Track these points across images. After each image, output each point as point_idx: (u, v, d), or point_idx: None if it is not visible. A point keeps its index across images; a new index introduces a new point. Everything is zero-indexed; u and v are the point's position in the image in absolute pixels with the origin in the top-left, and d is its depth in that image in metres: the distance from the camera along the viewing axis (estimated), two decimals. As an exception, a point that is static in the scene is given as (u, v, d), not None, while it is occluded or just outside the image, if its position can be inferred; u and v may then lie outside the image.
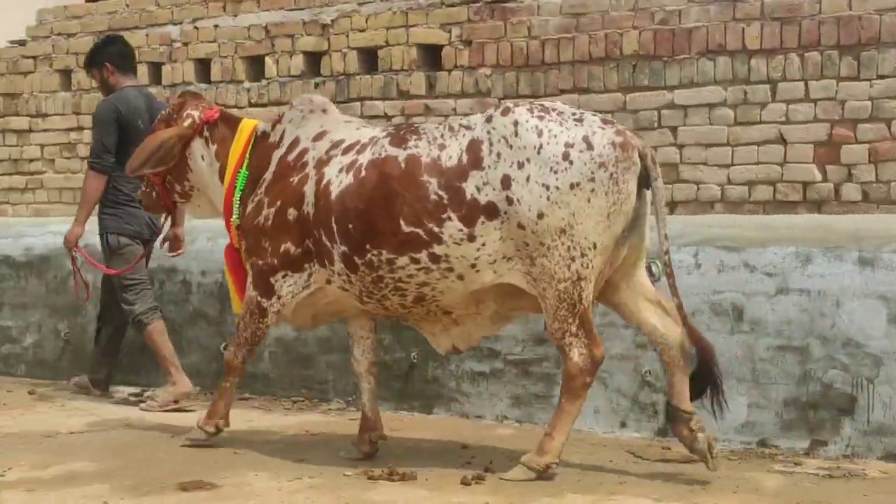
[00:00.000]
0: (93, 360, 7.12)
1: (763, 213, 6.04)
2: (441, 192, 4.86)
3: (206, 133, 5.57)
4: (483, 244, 4.84)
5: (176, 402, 6.64)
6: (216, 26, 7.72)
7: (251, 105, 7.54)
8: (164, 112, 5.80)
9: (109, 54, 6.95)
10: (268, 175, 5.33)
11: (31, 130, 8.55)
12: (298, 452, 5.51)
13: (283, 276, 5.23)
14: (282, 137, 5.38)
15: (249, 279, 5.34)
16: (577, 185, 4.69)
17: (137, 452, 5.51)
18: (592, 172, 4.70)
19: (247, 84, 7.61)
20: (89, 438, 5.87)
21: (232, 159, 5.45)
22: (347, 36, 7.25)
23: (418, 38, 7.03)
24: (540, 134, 4.76)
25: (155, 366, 7.39)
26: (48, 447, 5.67)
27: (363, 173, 5.02)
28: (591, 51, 6.50)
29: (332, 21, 7.29)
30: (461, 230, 4.84)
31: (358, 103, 7.21)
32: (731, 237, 5.87)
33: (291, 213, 5.19)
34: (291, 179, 5.23)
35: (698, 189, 6.20)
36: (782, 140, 6.02)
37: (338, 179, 5.10)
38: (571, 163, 4.70)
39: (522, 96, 6.69)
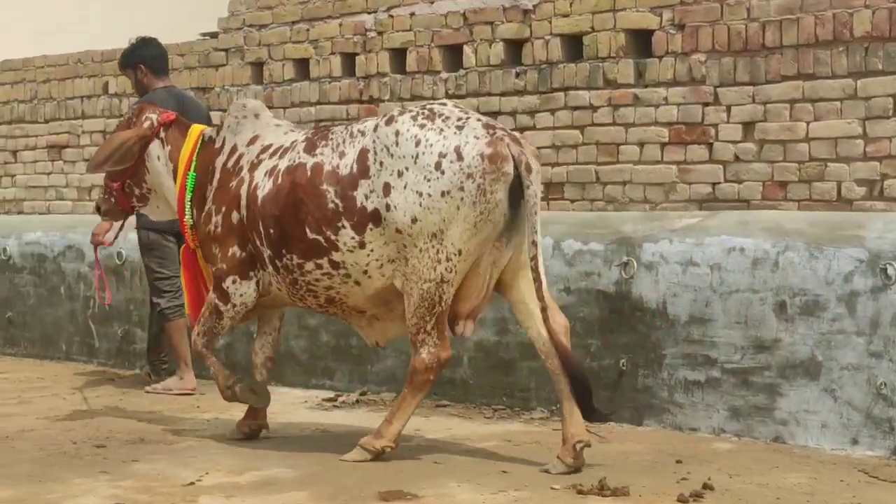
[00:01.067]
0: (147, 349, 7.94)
1: None
2: (337, 201, 5.50)
3: (162, 135, 6.23)
4: (372, 250, 5.46)
5: (176, 392, 7.44)
6: (412, 14, 7.81)
7: (448, 96, 7.59)
8: (125, 117, 6.52)
9: (144, 56, 7.62)
10: (214, 183, 5.96)
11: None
12: (501, 463, 5.52)
13: (234, 282, 5.86)
14: (223, 144, 6.03)
15: (213, 283, 5.99)
16: (448, 192, 5.26)
17: (333, 458, 5.62)
18: (461, 182, 5.25)
19: (444, 74, 7.67)
20: (284, 443, 6.02)
21: (181, 162, 6.11)
22: (550, 22, 7.23)
23: (627, 22, 6.96)
24: (418, 143, 5.33)
25: (348, 368, 7.51)
26: (243, 451, 5.83)
27: (279, 180, 5.70)
28: (817, 33, 6.32)
29: (535, 6, 7.29)
30: (353, 238, 5.48)
31: (562, 93, 7.18)
32: (979, 236, 5.63)
33: (234, 216, 5.84)
34: (231, 184, 5.89)
35: (938, 182, 5.97)
36: None
37: (263, 184, 5.76)
38: (443, 172, 5.27)
39: (740, 84, 6.56)
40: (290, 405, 7.13)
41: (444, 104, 5.52)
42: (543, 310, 5.29)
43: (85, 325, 8.94)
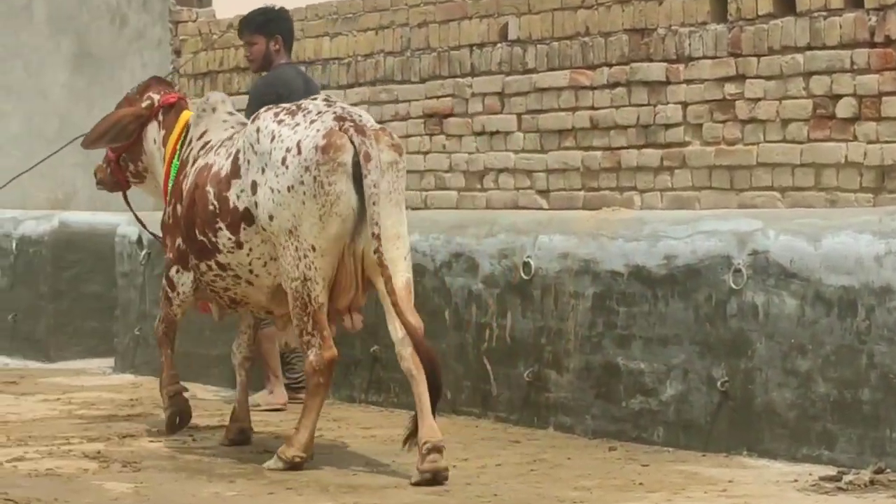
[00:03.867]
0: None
1: None
2: (215, 203, 7.84)
3: (160, 117, 8.70)
4: (251, 249, 7.75)
5: (264, 408, 9.64)
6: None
7: None
8: (129, 92, 9.07)
9: (283, 29, 9.86)
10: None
11: (668, 82, 8.88)
12: None
13: (177, 272, 8.28)
14: (187, 137, 8.46)
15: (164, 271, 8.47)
16: (292, 187, 7.42)
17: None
18: (301, 176, 7.40)
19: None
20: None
21: (167, 149, 8.55)
22: None
23: None
24: (272, 139, 7.54)
25: (857, 433, 7.44)
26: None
27: (191, 179, 8.08)
28: None
29: None
30: (230, 239, 7.80)
31: None
32: None
33: (179, 208, 8.16)
34: (181, 177, 8.25)
35: None
36: None
37: (189, 183, 8.09)
38: (287, 167, 7.45)
39: None
40: (772, 484, 7.18)
41: (315, 98, 7.74)
42: (394, 304, 7.18)
43: (478, 365, 9.16)
